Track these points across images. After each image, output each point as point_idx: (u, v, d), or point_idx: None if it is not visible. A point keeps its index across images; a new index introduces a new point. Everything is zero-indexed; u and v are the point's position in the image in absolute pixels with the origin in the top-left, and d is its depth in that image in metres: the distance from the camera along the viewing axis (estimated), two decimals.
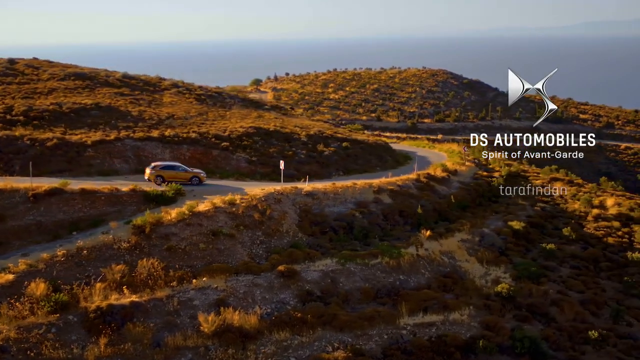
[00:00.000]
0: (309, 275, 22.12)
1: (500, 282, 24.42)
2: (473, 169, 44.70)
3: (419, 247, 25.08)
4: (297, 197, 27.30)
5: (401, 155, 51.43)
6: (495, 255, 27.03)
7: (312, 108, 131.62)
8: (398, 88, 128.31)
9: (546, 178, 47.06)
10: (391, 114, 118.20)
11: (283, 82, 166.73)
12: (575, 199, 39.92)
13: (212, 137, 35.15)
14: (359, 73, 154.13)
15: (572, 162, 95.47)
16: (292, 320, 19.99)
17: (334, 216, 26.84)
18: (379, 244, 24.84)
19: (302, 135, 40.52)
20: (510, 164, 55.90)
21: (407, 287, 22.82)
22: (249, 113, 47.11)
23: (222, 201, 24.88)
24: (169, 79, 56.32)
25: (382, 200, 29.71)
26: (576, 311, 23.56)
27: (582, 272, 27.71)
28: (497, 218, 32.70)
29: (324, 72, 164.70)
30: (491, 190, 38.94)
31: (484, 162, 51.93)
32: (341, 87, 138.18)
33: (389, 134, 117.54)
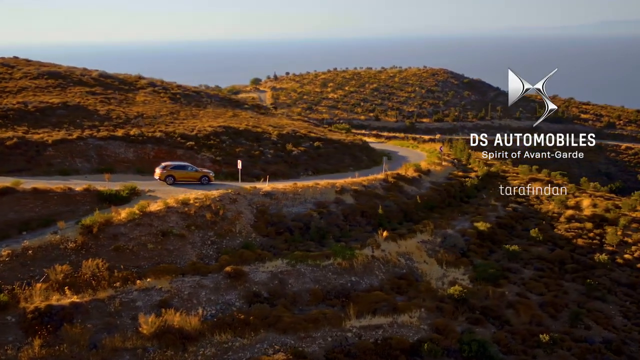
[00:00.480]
0: (257, 276, 21.96)
1: (457, 284, 24.28)
2: (449, 169, 44.57)
3: (375, 248, 24.93)
4: (255, 197, 27.15)
5: (380, 155, 51.33)
6: (455, 257, 26.90)
7: (310, 107, 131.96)
8: (397, 87, 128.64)
9: (525, 178, 46.93)
10: (390, 114, 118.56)
11: (283, 82, 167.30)
12: (551, 200, 39.77)
13: (178, 136, 35.02)
14: (359, 72, 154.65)
15: (572, 162, 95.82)
16: (235, 322, 19.85)
17: (291, 216, 26.69)
18: (333, 244, 24.67)
19: (273, 134, 40.39)
20: (492, 164, 55.88)
21: (358, 289, 22.67)
22: (224, 112, 46.98)
23: (176, 201, 24.73)
24: (148, 78, 56.16)
25: (344, 201, 29.56)
26: (533, 314, 23.41)
27: (546, 274, 27.56)
28: (464, 219, 32.56)
29: (324, 72, 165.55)
30: (463, 190, 38.79)
31: (464, 162, 51.87)
32: (340, 87, 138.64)
33: (387, 133, 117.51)
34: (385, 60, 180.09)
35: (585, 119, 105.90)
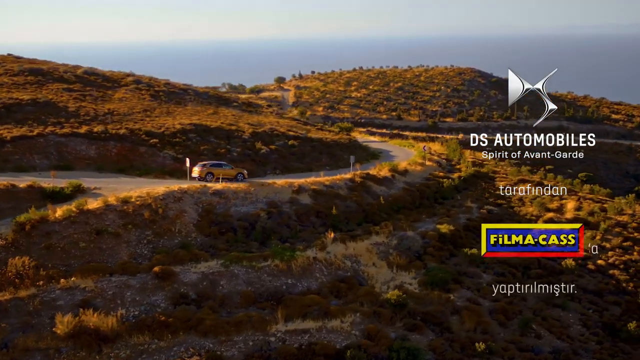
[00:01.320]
0: (187, 277, 21.73)
1: (404, 288, 23.70)
2: (432, 169, 43.80)
3: (319, 250, 24.48)
4: (203, 195, 26.95)
5: (368, 154, 50.92)
6: (409, 260, 26.27)
7: (332, 106, 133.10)
8: (422, 86, 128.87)
9: (514, 179, 45.84)
10: (413, 113, 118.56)
11: (307, 81, 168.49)
12: (533, 202, 38.76)
13: (143, 133, 35.04)
14: (384, 71, 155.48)
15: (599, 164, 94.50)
16: (155, 324, 19.64)
17: (238, 216, 26.41)
18: (274, 245, 24.29)
19: (247, 132, 40.19)
20: (486, 164, 54.87)
21: (293, 292, 22.26)
22: (204, 110, 47.00)
23: (116, 199, 24.65)
24: (138, 75, 56.52)
25: (300, 201, 29.16)
26: (479, 321, 22.71)
27: (506, 279, 26.73)
28: (431, 221, 31.86)
29: (349, 71, 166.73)
30: (440, 191, 38.01)
31: (454, 162, 50.97)
32: (364, 86, 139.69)
33: (408, 133, 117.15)
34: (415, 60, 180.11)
35: (616, 119, 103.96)
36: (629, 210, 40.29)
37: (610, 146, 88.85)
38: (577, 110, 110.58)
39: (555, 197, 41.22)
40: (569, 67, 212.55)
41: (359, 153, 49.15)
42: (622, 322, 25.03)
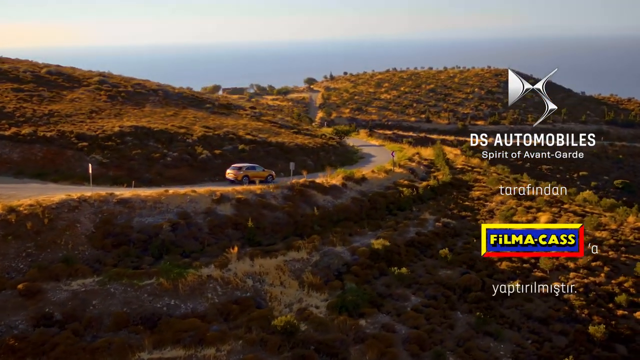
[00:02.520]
0: (57, 295, 20.37)
1: (308, 312, 21.89)
2: (400, 176, 41.72)
3: (219, 267, 22.85)
4: (105, 205, 25.60)
5: (345, 159, 49.33)
6: (326, 279, 24.39)
7: (360, 108, 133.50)
8: (455, 88, 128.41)
9: (494, 189, 43.29)
10: (443, 115, 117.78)
11: (338, 82, 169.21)
12: (501, 215, 36.32)
13: (75, 136, 34.01)
14: (418, 72, 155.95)
15: (638, 170, 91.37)
16: (1, 349, 18.31)
17: (140, 228, 24.95)
18: (164, 261, 22.77)
19: (195, 135, 38.85)
20: (474, 170, 52.58)
21: (174, 314, 20.67)
22: (164, 111, 45.90)
23: (2, 207, 23.49)
24: (102, 75, 55.88)
25: (218, 211, 27.55)
26: (384, 352, 20.69)
27: (437, 303, 24.61)
28: (373, 234, 29.85)
29: (381, 72, 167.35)
30: (398, 201, 35.92)
31: (432, 169, 48.71)
32: (395, 87, 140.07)
33: (436, 136, 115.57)
34: (456, 61, 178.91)
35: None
36: (613, 224, 37.47)
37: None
38: (619, 114, 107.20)
39: (531, 209, 38.76)
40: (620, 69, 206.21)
41: (334, 158, 47.58)
42: (563, 356, 22.66)
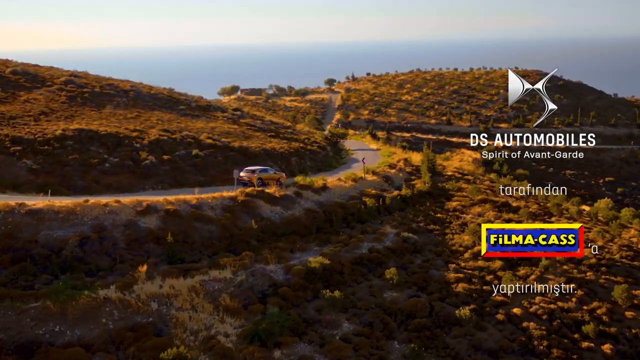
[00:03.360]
0: None
1: (215, 340, 19.96)
2: (369, 184, 39.59)
3: (121, 287, 21.04)
4: (11, 216, 24.00)
5: (324, 164, 47.63)
6: (246, 303, 22.43)
7: (379, 110, 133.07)
8: (480, 90, 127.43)
9: (474, 199, 40.86)
10: (465, 118, 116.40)
11: (360, 83, 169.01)
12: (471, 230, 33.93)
13: (9, 140, 32.61)
14: (442, 73, 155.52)
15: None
16: None
17: (45, 242, 23.27)
18: (58, 281, 21.03)
19: (147, 139, 37.23)
20: (465, 177, 50.34)
21: (57, 342, 18.88)
22: (126, 113, 44.48)
23: None
24: (73, 74, 54.76)
25: (140, 224, 25.75)
26: None
27: (372, 331, 22.46)
28: (319, 250, 27.79)
29: (404, 73, 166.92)
30: (359, 213, 33.79)
31: (413, 177, 46.44)
32: (417, 88, 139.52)
33: (456, 139, 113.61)
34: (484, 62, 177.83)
35: None
36: (600, 241, 34.81)
37: None
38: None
39: (510, 223, 36.22)
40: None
41: (309, 163, 45.76)
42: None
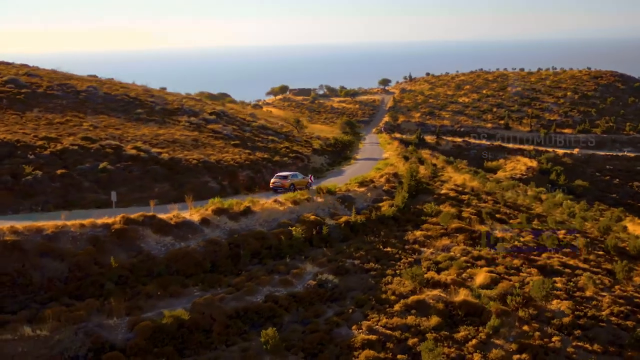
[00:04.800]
0: None
1: None
2: (316, 206, 34.57)
3: None
4: None
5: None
6: None
7: (432, 112, 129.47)
8: (545, 92, 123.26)
9: (444, 229, 35.08)
10: (525, 122, 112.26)
11: (416, 83, 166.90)
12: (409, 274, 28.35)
13: None
14: (505, 74, 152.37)
15: None
16: None
17: None
18: None
19: (50, 149, 33.53)
20: (459, 197, 44.56)
21: None
22: (55, 117, 41.23)
23: None
24: (20, 73, 52.32)
25: None
26: None
27: None
28: (199, 296, 23.09)
29: (465, 73, 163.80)
30: (280, 246, 28.84)
31: (383, 200, 41.02)
32: (477, 90, 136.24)
33: (512, 145, 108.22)
34: (554, 62, 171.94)
35: None
36: (590, 290, 28.43)
37: None
38: None
39: (477, 262, 30.38)
40: None
41: (269, 177, 41.22)
42: None
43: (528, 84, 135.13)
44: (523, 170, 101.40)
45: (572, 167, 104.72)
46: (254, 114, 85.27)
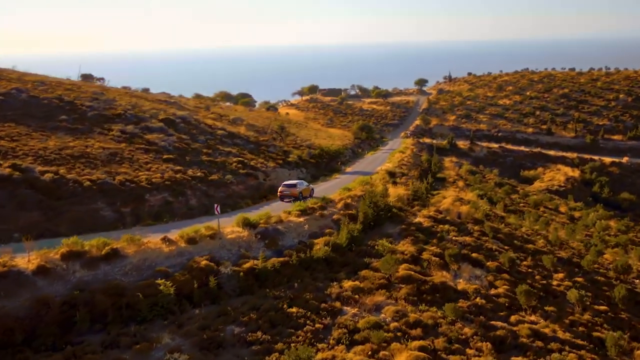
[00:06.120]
0: None
1: None
2: (218, 245, 28.34)
3: None
4: None
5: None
6: None
7: (468, 115, 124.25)
8: (595, 94, 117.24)
9: (392, 277, 28.41)
10: (570, 127, 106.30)
11: (455, 84, 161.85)
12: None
13: None
14: (553, 74, 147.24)
15: None
16: None
17: None
18: None
19: None
20: (428, 227, 37.78)
21: None
22: None
23: None
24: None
25: None
26: None
27: None
28: None
29: (509, 73, 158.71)
30: (138, 305, 22.72)
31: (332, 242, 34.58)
32: (520, 91, 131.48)
33: (554, 152, 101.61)
34: (609, 62, 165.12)
35: None
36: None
37: None
38: None
39: (414, 329, 23.68)
40: None
41: (194, 201, 35.53)
42: None
43: (577, 85, 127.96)
44: (562, 180, 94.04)
45: (620, 177, 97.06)
46: (239, 118, 79.70)
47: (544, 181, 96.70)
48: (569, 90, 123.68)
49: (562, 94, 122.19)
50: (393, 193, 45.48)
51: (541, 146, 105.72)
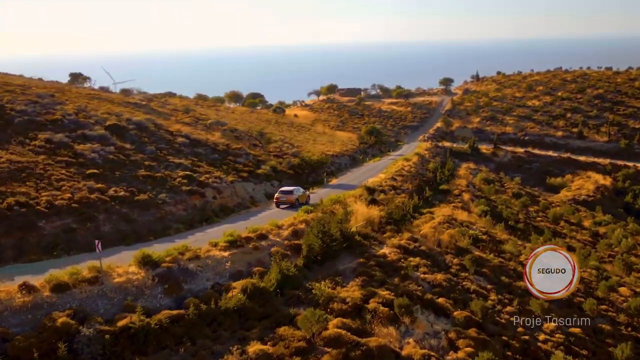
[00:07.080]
0: None
1: None
2: (101, 294, 23.17)
3: None
4: None
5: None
6: None
7: (494, 117, 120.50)
8: (632, 94, 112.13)
9: (320, 335, 22.95)
10: (603, 131, 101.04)
11: (483, 83, 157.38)
12: None
13: None
14: (587, 73, 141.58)
15: None
16: None
17: None
18: None
19: None
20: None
21: None
22: None
23: None
24: None
25: None
26: None
27: None
28: None
29: (540, 72, 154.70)
30: None
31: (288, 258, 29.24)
32: (551, 92, 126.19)
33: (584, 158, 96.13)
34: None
35: None
36: None
37: None
38: None
39: None
40: None
41: (109, 227, 30.52)
42: None
43: (613, 85, 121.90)
44: (591, 189, 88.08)
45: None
46: (220, 121, 74.93)
47: (571, 190, 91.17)
48: (604, 90, 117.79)
49: (596, 94, 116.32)
50: (364, 215, 39.89)
51: (571, 151, 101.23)
